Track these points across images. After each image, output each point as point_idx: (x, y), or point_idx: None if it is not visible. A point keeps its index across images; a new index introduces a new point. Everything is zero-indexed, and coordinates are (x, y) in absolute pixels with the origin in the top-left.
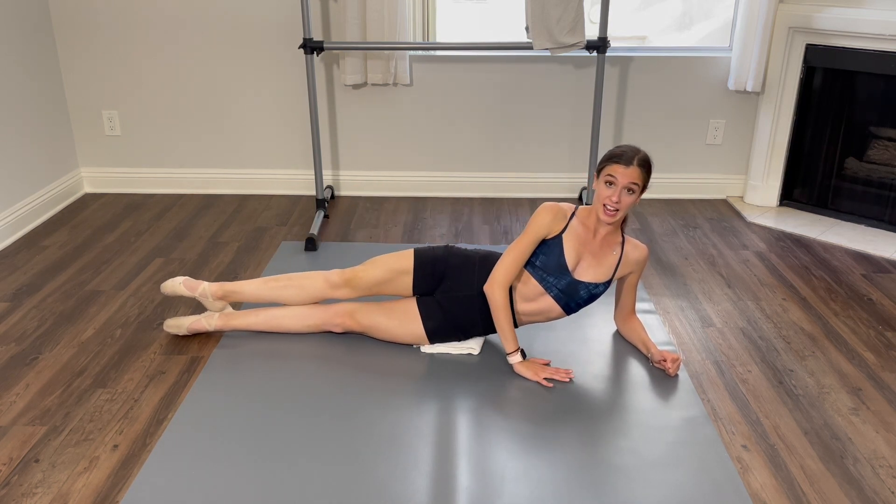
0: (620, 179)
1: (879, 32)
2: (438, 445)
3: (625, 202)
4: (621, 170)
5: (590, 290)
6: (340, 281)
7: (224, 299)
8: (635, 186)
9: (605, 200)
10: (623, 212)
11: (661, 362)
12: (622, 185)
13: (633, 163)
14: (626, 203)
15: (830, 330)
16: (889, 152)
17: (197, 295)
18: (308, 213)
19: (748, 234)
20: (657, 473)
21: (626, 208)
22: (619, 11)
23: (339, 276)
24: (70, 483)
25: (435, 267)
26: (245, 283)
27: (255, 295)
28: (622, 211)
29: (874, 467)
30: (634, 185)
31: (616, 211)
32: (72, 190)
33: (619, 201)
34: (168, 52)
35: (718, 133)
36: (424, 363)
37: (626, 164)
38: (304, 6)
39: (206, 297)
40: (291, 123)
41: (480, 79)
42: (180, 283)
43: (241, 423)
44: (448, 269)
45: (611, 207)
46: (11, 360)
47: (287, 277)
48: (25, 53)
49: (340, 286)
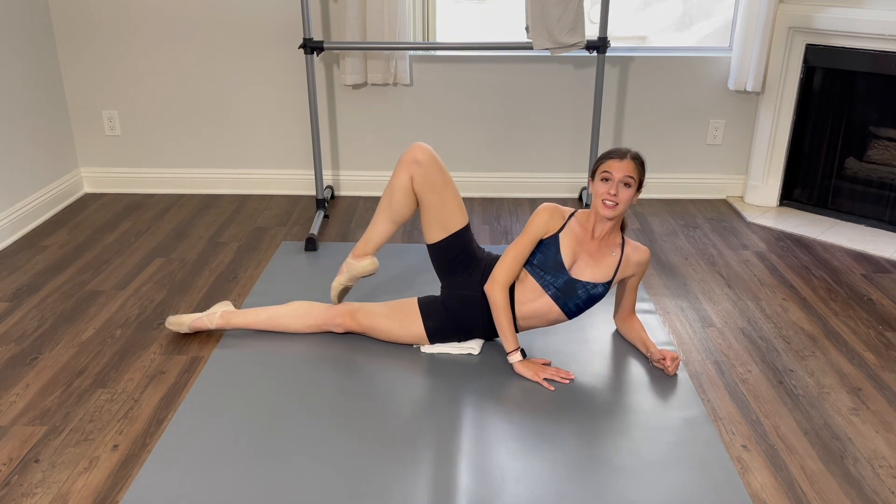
0: (616, 174)
1: (879, 32)
2: (438, 445)
3: (622, 195)
4: (616, 164)
5: (588, 290)
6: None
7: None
8: (631, 180)
9: (604, 195)
10: (622, 206)
11: (661, 361)
12: (618, 178)
13: (626, 157)
14: (624, 197)
15: (830, 330)
16: (889, 152)
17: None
18: (308, 213)
19: (748, 234)
20: (657, 473)
21: (624, 202)
22: (619, 11)
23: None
24: (70, 483)
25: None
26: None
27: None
28: (621, 205)
29: (874, 467)
30: (630, 179)
31: (615, 204)
32: (72, 190)
33: (617, 194)
34: (168, 52)
35: (718, 133)
36: (424, 363)
37: (620, 158)
38: (304, 6)
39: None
40: (291, 123)
41: (480, 79)
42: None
43: (240, 423)
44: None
45: (609, 201)
46: (11, 360)
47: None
48: (25, 53)
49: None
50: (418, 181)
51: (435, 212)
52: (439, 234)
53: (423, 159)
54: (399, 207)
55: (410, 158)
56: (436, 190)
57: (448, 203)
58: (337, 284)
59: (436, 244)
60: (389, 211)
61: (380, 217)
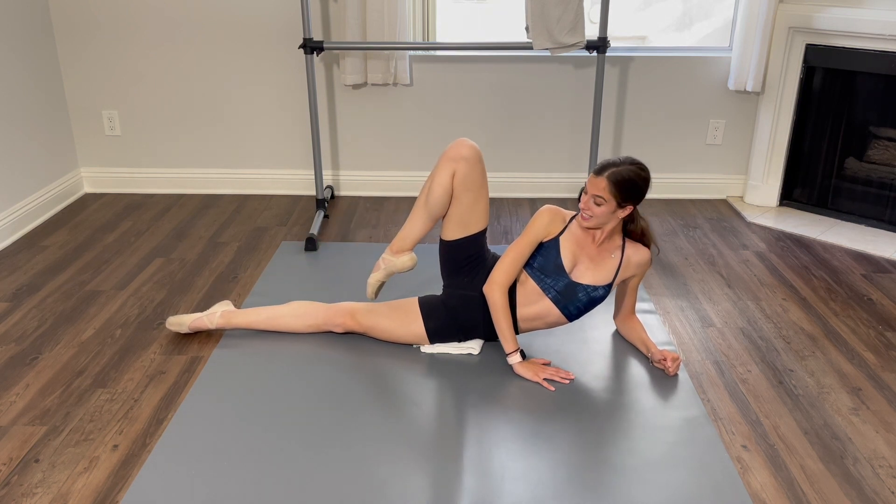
0: (589, 188)
1: (879, 32)
2: (438, 445)
3: (595, 211)
4: (592, 179)
5: (588, 292)
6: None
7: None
8: (600, 199)
9: (581, 206)
10: (596, 220)
11: (662, 361)
12: (591, 193)
13: (602, 173)
14: (598, 213)
15: (830, 330)
16: (889, 152)
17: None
18: (308, 213)
19: (748, 234)
20: (657, 473)
21: (598, 216)
22: (619, 11)
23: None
24: (70, 483)
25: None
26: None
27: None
28: (595, 218)
29: (874, 467)
30: (599, 198)
31: (590, 217)
32: (72, 190)
33: (589, 209)
34: (168, 52)
35: (718, 133)
36: (424, 363)
37: (596, 174)
38: (304, 6)
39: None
40: (291, 123)
41: (480, 79)
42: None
43: (240, 423)
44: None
45: (585, 214)
46: (11, 360)
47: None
48: (25, 53)
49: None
50: (459, 178)
51: (464, 210)
52: (459, 232)
53: (469, 156)
54: (437, 204)
55: (456, 154)
56: (473, 188)
57: (479, 203)
58: (374, 281)
59: (452, 242)
60: (427, 207)
61: (417, 213)
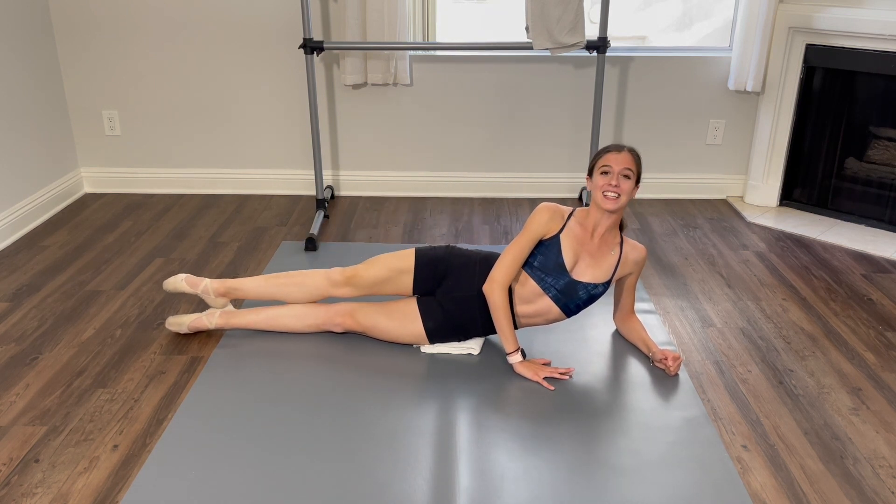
0: (615, 166)
1: (879, 32)
2: (438, 445)
3: (623, 187)
4: (614, 157)
5: (588, 290)
6: (341, 279)
7: (226, 296)
8: (629, 172)
9: (604, 187)
10: (624, 197)
11: (663, 361)
12: (618, 170)
13: (623, 150)
14: (625, 188)
15: (830, 330)
16: (889, 152)
17: (199, 291)
18: (308, 213)
19: (748, 234)
20: (657, 473)
21: (626, 193)
22: (619, 11)
23: (341, 274)
24: (70, 483)
25: (436, 267)
26: (247, 280)
27: (256, 292)
28: (623, 196)
29: (874, 467)
30: (629, 171)
31: (617, 196)
32: (72, 190)
33: (619, 185)
34: (168, 52)
35: (718, 133)
36: (424, 363)
37: (618, 151)
38: (304, 6)
39: (207, 294)
40: (291, 123)
41: (480, 79)
42: (182, 279)
43: (241, 423)
44: (449, 268)
45: (611, 192)
46: (11, 360)
47: (288, 275)
48: (25, 53)
49: (341, 284)
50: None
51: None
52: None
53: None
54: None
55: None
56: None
57: (387, 285)
58: (171, 288)
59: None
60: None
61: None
